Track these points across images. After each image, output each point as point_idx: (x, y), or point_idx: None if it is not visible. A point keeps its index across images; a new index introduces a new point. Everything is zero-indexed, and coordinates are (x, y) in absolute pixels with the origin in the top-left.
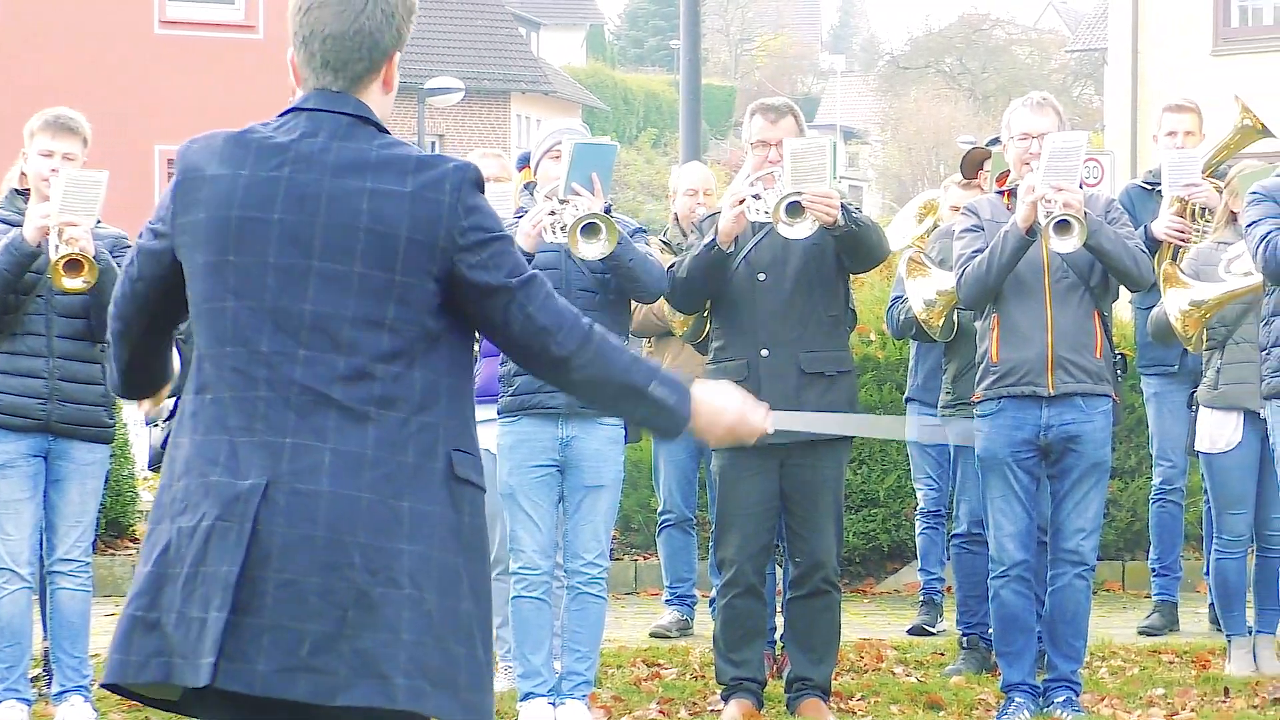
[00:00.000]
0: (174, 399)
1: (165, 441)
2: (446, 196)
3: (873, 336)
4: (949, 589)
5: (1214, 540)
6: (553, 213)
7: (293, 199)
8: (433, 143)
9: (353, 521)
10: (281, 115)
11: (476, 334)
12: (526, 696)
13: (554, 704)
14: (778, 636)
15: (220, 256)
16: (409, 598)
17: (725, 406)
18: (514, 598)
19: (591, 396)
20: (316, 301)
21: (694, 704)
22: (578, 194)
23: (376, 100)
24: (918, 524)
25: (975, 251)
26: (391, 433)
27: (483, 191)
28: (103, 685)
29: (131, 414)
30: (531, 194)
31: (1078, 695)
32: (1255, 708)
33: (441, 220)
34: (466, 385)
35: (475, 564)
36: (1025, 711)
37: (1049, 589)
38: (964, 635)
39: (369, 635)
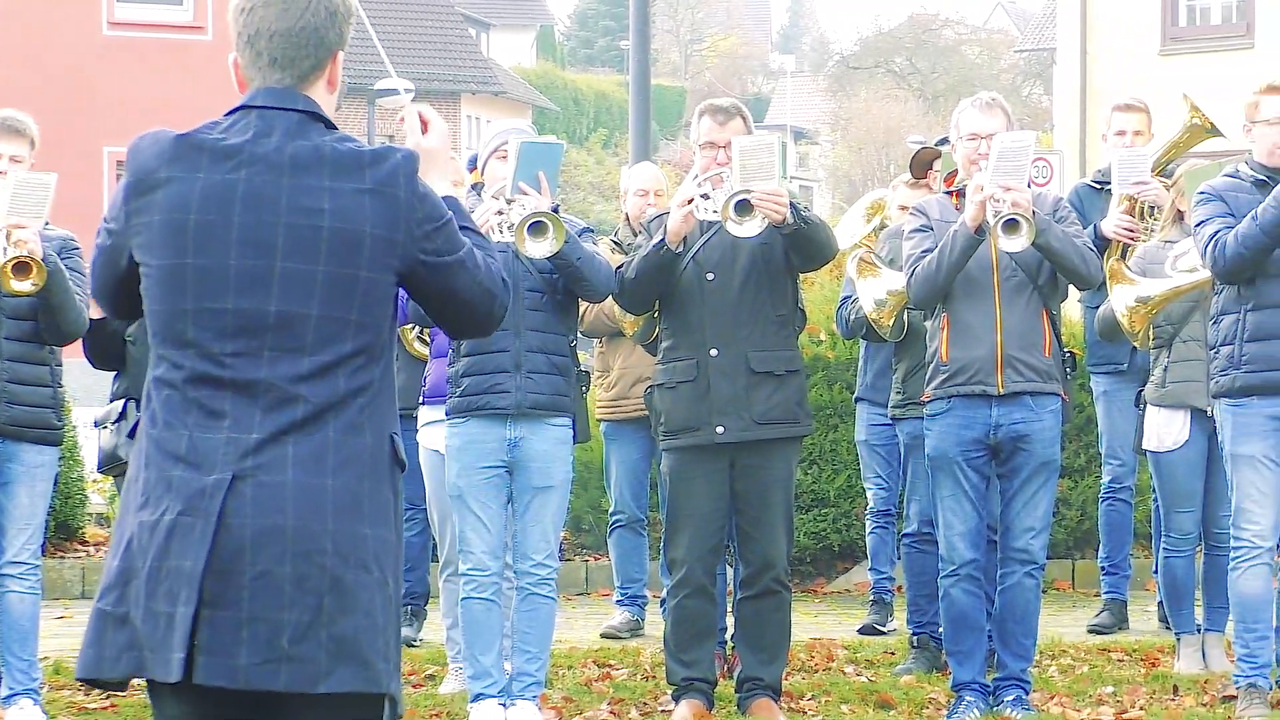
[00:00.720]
0: (123, 401)
1: (116, 443)
2: (402, 190)
3: (822, 336)
4: (899, 588)
5: (1162, 539)
6: (500, 212)
7: (251, 201)
8: (382, 144)
9: (321, 508)
10: (230, 114)
11: (427, 334)
12: (477, 697)
13: (504, 705)
14: (728, 636)
15: (179, 260)
16: (378, 581)
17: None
18: (464, 599)
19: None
20: (281, 302)
21: (645, 704)
22: (525, 193)
23: (322, 98)
24: (868, 523)
25: (925, 251)
26: (353, 418)
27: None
28: (78, 679)
29: (80, 416)
30: (479, 195)
31: (1027, 694)
32: (1204, 705)
33: (400, 214)
34: (393, 366)
35: (402, 542)
36: (975, 710)
37: (999, 588)
38: (914, 634)
39: (346, 621)
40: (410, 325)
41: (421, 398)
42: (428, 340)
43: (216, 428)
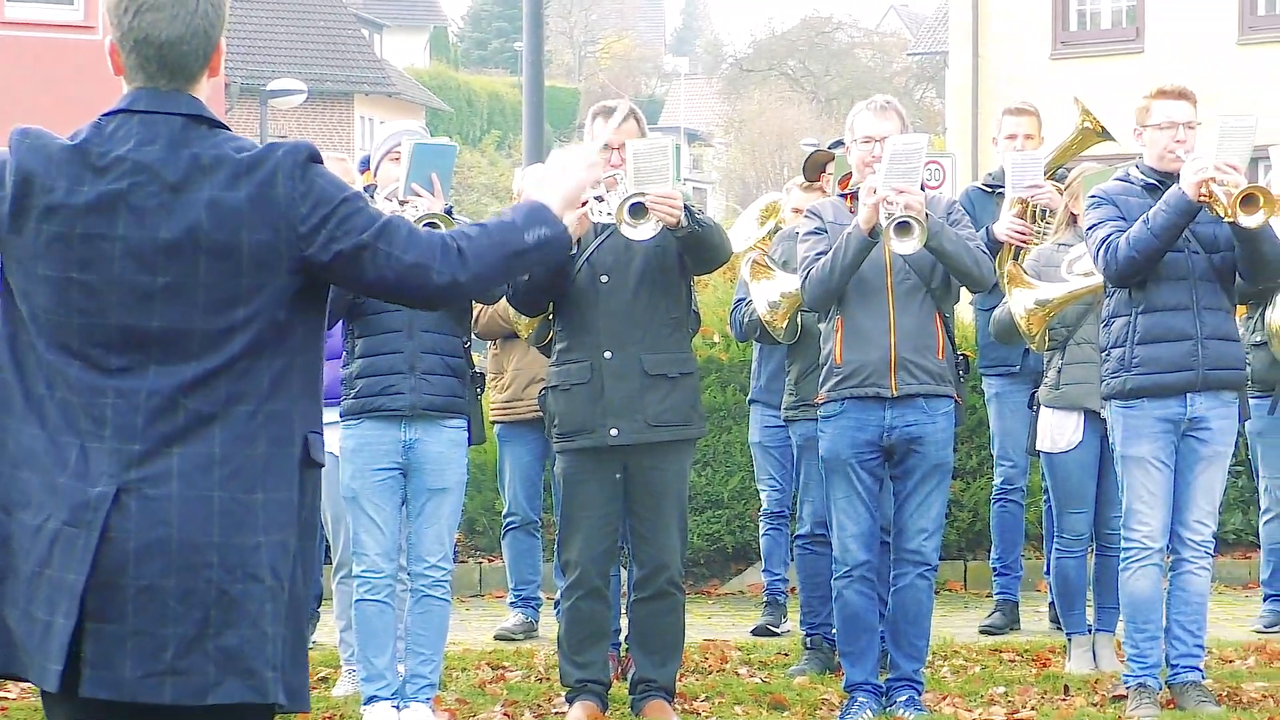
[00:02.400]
0: None
1: None
2: (281, 189)
3: (716, 338)
4: (793, 590)
5: (1054, 539)
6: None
7: (135, 214)
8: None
9: (206, 522)
10: (108, 115)
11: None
12: (370, 700)
13: (398, 707)
14: (622, 638)
15: (64, 273)
16: (271, 590)
17: (556, 178)
18: (357, 601)
19: (490, 286)
20: (164, 317)
21: (538, 706)
22: (418, 195)
23: (203, 88)
24: (762, 525)
25: (818, 254)
26: (240, 427)
27: (318, 161)
28: None
29: None
30: (372, 196)
31: (920, 694)
32: (1095, 705)
33: (281, 216)
34: (318, 362)
35: (308, 544)
36: (868, 711)
37: (891, 589)
38: (807, 635)
39: (232, 633)
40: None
41: None
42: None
43: (100, 437)
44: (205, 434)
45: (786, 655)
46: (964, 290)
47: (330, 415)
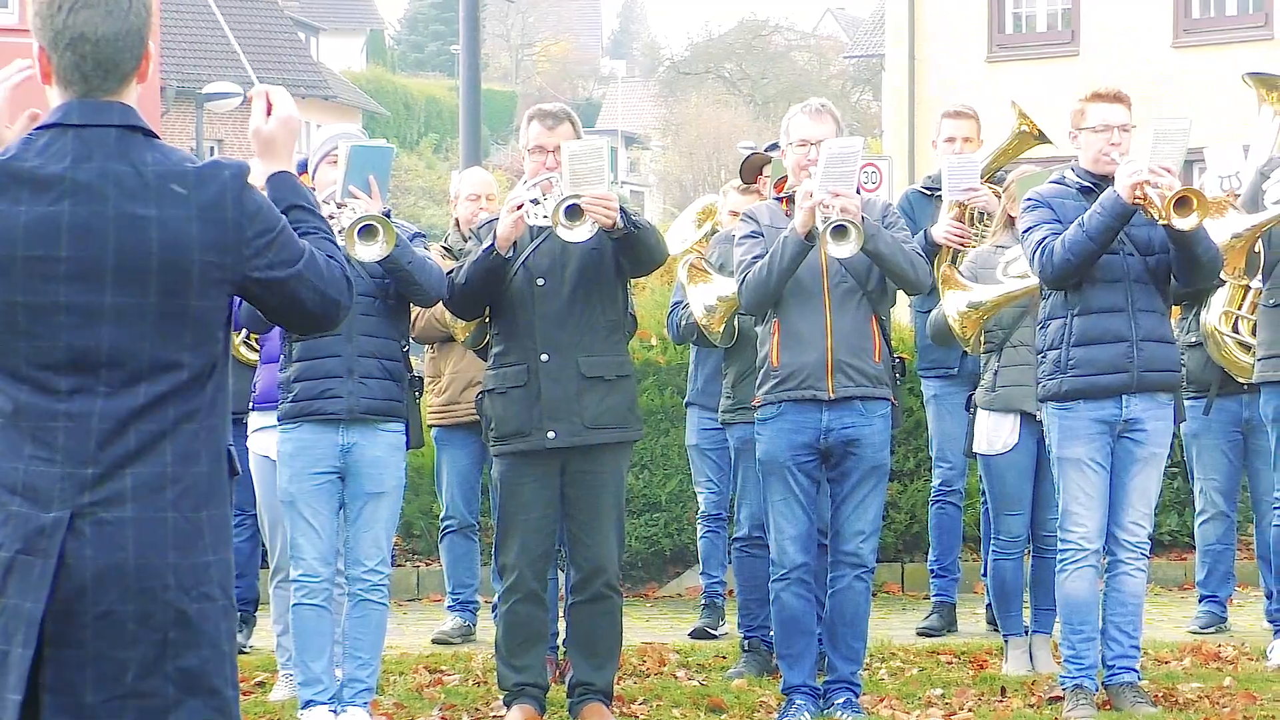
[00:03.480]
0: None
1: None
2: (230, 211)
3: (654, 341)
4: (730, 592)
5: (991, 541)
6: (331, 216)
7: (78, 234)
8: (211, 148)
9: (161, 543)
10: (40, 129)
11: (255, 339)
12: (307, 704)
13: (335, 711)
14: (560, 641)
15: (8, 298)
16: (223, 609)
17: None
18: (294, 605)
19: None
20: (113, 337)
21: (476, 710)
22: (355, 197)
23: (134, 94)
24: (699, 528)
25: (755, 257)
26: (187, 445)
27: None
28: None
29: None
30: None
31: (857, 696)
32: (1031, 707)
33: (230, 236)
34: (228, 374)
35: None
36: (806, 713)
37: (829, 591)
38: (745, 638)
39: (192, 653)
40: (239, 329)
41: (251, 403)
42: (256, 346)
43: (52, 462)
44: (157, 453)
45: (724, 658)
46: (901, 293)
47: (266, 419)
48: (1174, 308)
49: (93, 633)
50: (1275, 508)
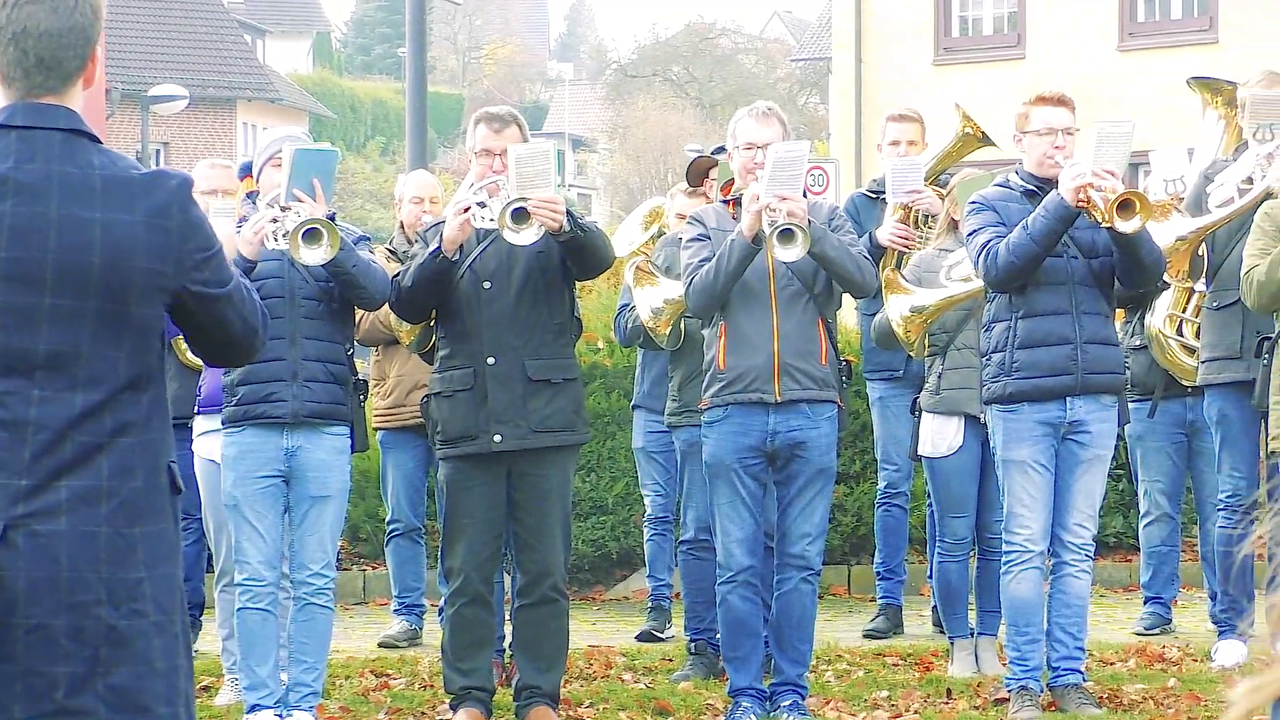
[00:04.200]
0: None
1: None
2: (175, 221)
3: (600, 344)
4: (677, 595)
5: (937, 543)
6: (275, 220)
7: (19, 234)
8: (157, 150)
9: (94, 557)
10: None
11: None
12: (253, 709)
13: (281, 715)
14: (506, 645)
15: None
16: (157, 625)
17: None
18: (239, 609)
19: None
20: (51, 340)
21: (423, 714)
22: (300, 200)
23: (79, 99)
24: (646, 531)
25: (702, 260)
26: (124, 459)
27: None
28: None
29: None
30: (254, 203)
31: (804, 699)
32: (977, 708)
33: (172, 246)
34: (166, 390)
35: (181, 571)
36: (752, 715)
37: (775, 594)
38: (692, 641)
39: (123, 670)
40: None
41: (196, 407)
42: None
43: None
44: (93, 466)
45: (671, 661)
46: (846, 295)
47: (212, 423)
48: (1118, 310)
49: (24, 646)
50: (1219, 509)
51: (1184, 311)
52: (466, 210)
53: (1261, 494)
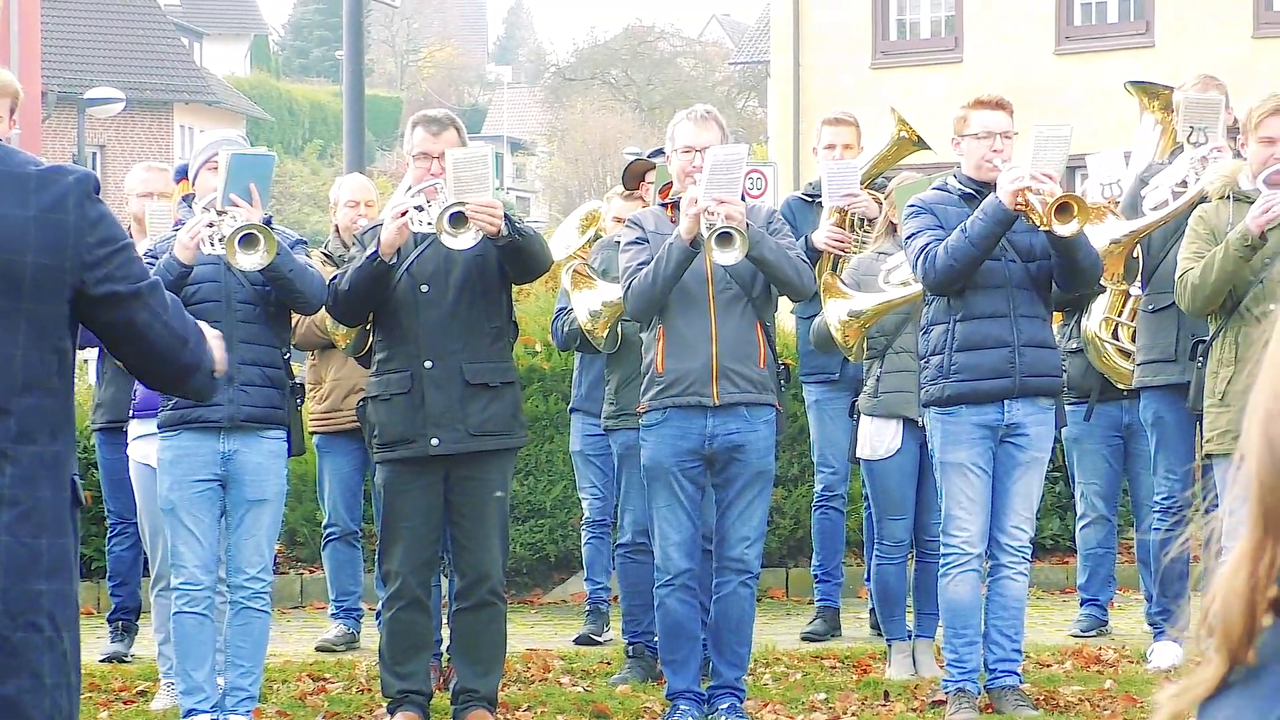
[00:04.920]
0: None
1: None
2: (71, 215)
3: (538, 347)
4: (615, 598)
5: (875, 546)
6: (211, 224)
7: None
8: (93, 153)
9: None
10: None
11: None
12: (189, 713)
13: None
14: (444, 648)
15: None
16: (48, 640)
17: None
18: (176, 613)
19: (193, 393)
20: None
21: (360, 717)
22: (236, 205)
23: None
24: (583, 534)
25: (640, 264)
26: (28, 468)
27: (99, 193)
28: None
29: None
30: (190, 206)
31: (742, 701)
32: (915, 711)
33: (69, 242)
34: (73, 403)
35: (77, 587)
36: (690, 718)
37: (714, 597)
38: (630, 644)
39: (10, 682)
40: None
41: (131, 411)
42: None
43: None
44: None
45: (609, 664)
46: (783, 298)
47: (147, 427)
48: (1056, 314)
49: None
50: (1155, 511)
51: (1119, 315)
52: (404, 214)
53: (1196, 495)
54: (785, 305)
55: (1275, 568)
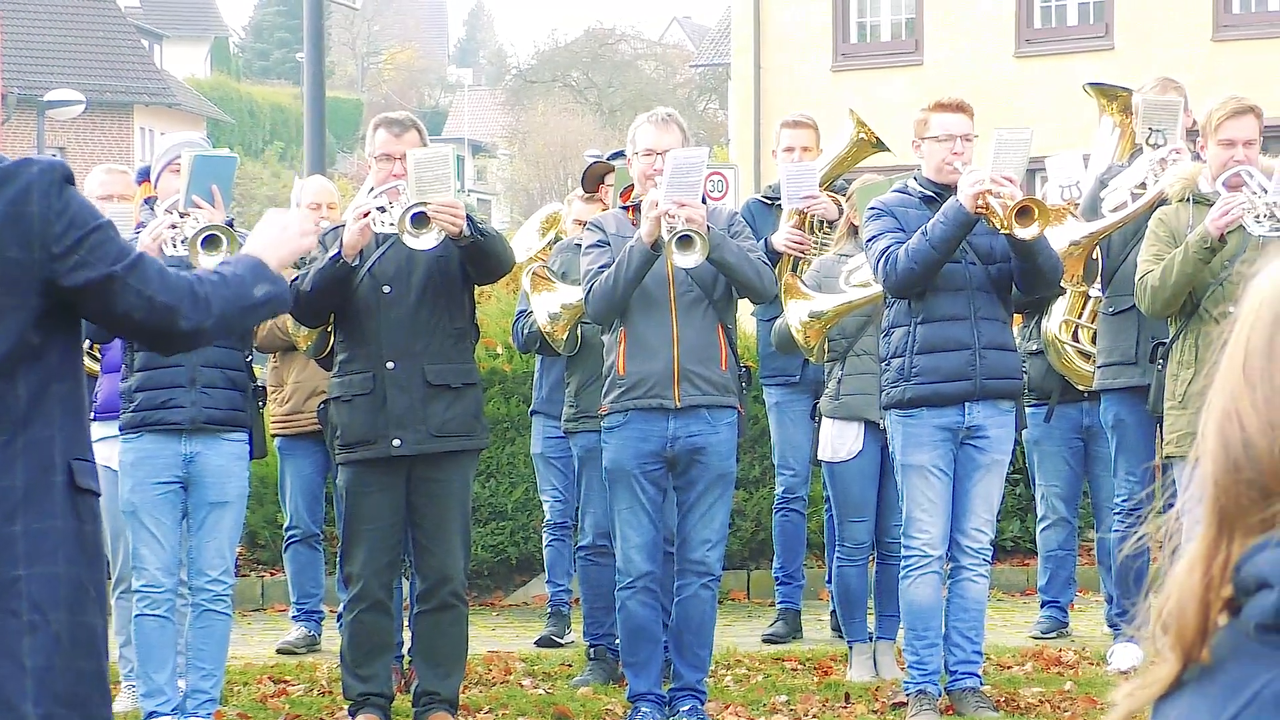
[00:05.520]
0: None
1: None
2: (36, 207)
3: (499, 349)
4: (576, 600)
5: (836, 548)
6: (173, 226)
7: None
8: (53, 156)
9: None
10: None
11: (97, 349)
12: (150, 715)
13: None
14: (405, 650)
15: None
16: (29, 624)
17: (276, 238)
18: (137, 616)
19: (224, 336)
20: None
21: None
22: (198, 207)
23: None
24: (545, 536)
25: (601, 266)
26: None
27: (72, 183)
28: None
29: None
30: (152, 209)
31: (703, 704)
32: (875, 713)
33: (35, 234)
34: (79, 389)
35: (97, 573)
36: None
37: (675, 599)
38: (591, 646)
39: None
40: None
41: (93, 413)
42: (97, 355)
43: None
44: None
45: (570, 666)
46: (745, 301)
47: (107, 429)
48: (1015, 316)
49: None
50: (1115, 513)
51: (1079, 317)
52: (366, 215)
53: (1157, 495)
54: (746, 307)
55: (1229, 567)
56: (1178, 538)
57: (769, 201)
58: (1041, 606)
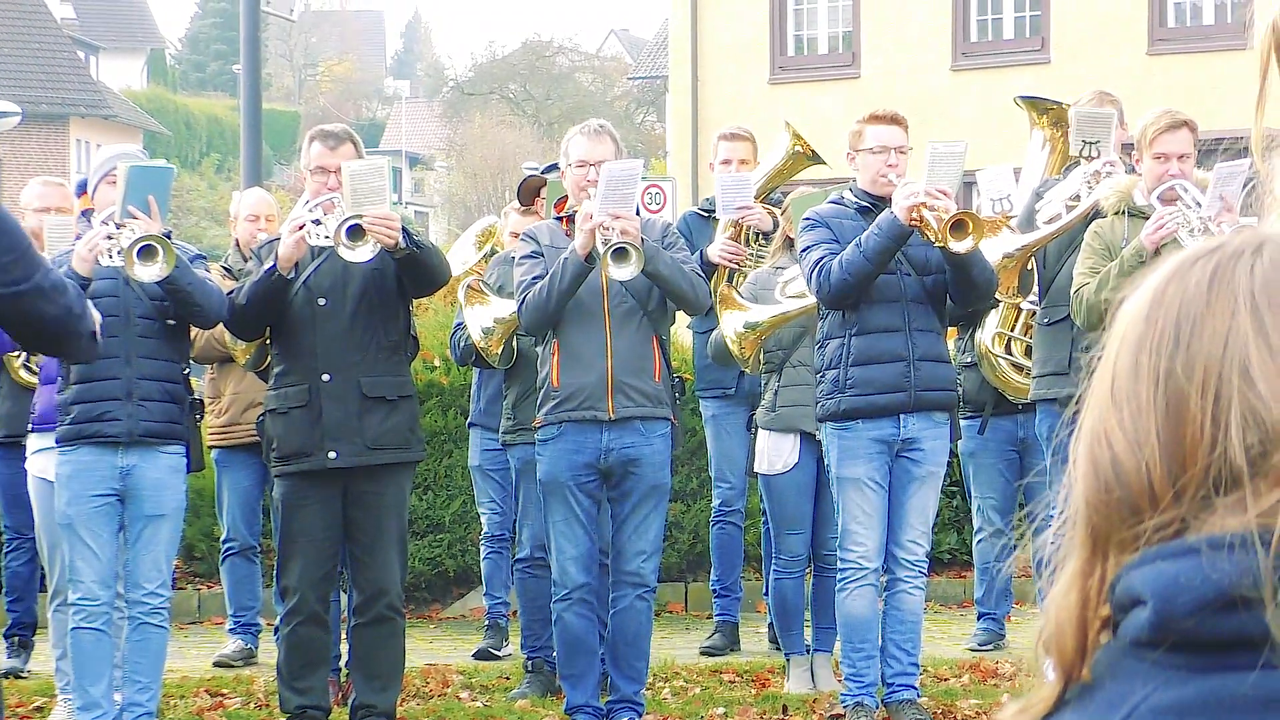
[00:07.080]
0: None
1: None
2: None
3: (437, 362)
4: (514, 613)
5: (773, 560)
6: (110, 237)
7: None
8: None
9: None
10: None
11: (34, 361)
12: None
13: None
14: (343, 663)
15: None
16: None
17: None
18: (73, 629)
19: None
20: None
21: None
22: (135, 217)
23: None
24: (482, 549)
25: (535, 278)
26: None
27: None
28: None
29: None
30: (89, 221)
31: (640, 716)
32: None
33: None
34: None
35: None
36: None
37: (611, 611)
38: (529, 659)
39: None
40: (16, 353)
41: (30, 425)
42: (35, 368)
43: None
44: None
45: (508, 679)
46: (680, 312)
47: (45, 440)
48: (950, 328)
49: None
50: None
51: (1012, 330)
52: (301, 228)
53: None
54: (682, 319)
55: (1105, 586)
56: (1056, 558)
57: (706, 214)
58: (978, 619)
